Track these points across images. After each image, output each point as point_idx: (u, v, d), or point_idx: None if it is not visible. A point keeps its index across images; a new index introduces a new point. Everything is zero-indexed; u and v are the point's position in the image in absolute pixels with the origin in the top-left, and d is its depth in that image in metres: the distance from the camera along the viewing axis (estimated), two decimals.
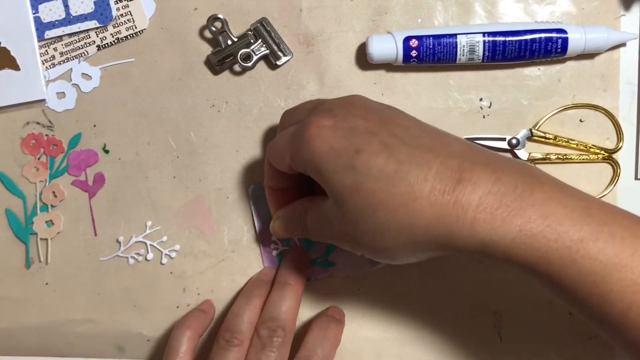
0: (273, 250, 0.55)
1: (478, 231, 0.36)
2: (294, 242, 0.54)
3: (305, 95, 0.55)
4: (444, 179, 0.37)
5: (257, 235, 0.55)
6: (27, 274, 0.57)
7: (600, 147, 0.54)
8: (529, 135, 0.54)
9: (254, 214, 0.55)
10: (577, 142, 0.54)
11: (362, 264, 0.54)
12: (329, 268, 0.54)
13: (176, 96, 0.56)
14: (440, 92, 0.55)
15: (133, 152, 0.56)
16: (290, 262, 0.53)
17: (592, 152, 0.54)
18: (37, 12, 0.55)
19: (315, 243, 0.54)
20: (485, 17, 0.54)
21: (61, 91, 0.56)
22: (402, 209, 0.37)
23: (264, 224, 0.55)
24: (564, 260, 0.36)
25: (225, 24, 0.54)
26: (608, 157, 0.53)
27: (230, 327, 0.49)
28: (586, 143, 0.54)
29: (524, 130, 0.54)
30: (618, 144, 0.54)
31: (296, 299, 0.50)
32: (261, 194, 0.53)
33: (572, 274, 0.36)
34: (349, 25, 0.55)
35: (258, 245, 0.55)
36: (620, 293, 0.35)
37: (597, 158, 0.53)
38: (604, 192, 0.53)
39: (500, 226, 0.36)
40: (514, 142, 0.53)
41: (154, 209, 0.56)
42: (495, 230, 0.36)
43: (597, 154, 0.53)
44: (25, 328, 0.57)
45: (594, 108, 0.54)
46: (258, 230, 0.55)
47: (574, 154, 0.54)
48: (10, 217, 0.56)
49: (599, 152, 0.53)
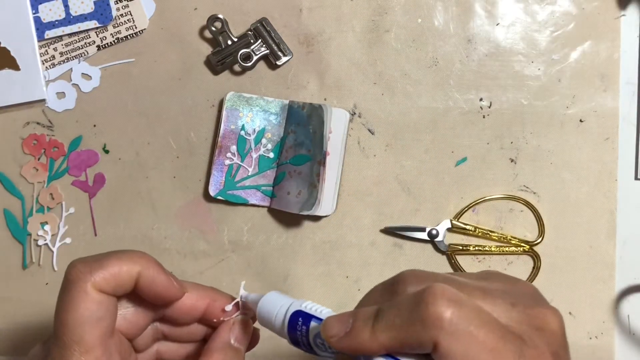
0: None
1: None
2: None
3: (305, 95, 0.55)
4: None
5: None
6: (27, 274, 0.57)
7: (521, 239, 0.54)
8: (449, 226, 0.54)
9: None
10: (498, 234, 0.54)
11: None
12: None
13: (176, 96, 0.56)
14: (440, 92, 0.55)
15: (133, 152, 0.56)
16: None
17: (513, 244, 0.54)
18: (37, 12, 0.55)
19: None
20: (485, 17, 0.54)
21: (61, 91, 0.56)
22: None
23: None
24: None
25: (225, 24, 0.54)
26: (529, 250, 0.54)
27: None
28: (507, 235, 0.54)
29: (444, 221, 0.54)
30: (539, 236, 0.54)
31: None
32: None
33: None
34: (349, 25, 0.55)
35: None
36: None
37: (518, 250, 0.54)
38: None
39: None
40: (434, 233, 0.54)
41: (154, 209, 0.56)
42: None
43: (518, 246, 0.54)
44: (25, 328, 0.57)
45: (518, 200, 0.54)
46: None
47: (493, 246, 0.54)
48: (8, 217, 0.56)
49: (520, 244, 0.54)
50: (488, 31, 0.54)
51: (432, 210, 0.55)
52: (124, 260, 0.34)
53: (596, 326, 0.54)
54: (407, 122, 0.55)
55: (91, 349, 0.33)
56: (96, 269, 0.34)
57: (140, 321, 0.37)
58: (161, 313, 0.38)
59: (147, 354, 0.39)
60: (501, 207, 0.55)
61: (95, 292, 0.33)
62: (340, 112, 0.54)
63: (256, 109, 0.55)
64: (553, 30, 0.54)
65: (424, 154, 0.55)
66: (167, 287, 0.36)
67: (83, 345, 0.33)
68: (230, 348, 0.37)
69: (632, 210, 0.54)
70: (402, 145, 0.55)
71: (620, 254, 0.54)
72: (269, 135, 0.55)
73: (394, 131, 0.55)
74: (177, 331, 0.39)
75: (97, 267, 0.34)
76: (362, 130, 0.55)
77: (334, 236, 0.55)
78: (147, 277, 0.35)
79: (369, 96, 0.55)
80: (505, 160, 0.55)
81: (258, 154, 0.55)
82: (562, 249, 0.54)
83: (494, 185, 0.55)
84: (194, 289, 0.38)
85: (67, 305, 0.33)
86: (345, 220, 0.55)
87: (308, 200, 0.53)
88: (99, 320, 0.33)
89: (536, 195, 0.55)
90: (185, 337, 0.39)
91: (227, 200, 0.55)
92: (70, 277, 0.34)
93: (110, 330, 0.34)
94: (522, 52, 0.54)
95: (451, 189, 0.55)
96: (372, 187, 0.55)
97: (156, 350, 0.39)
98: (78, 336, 0.33)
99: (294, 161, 0.54)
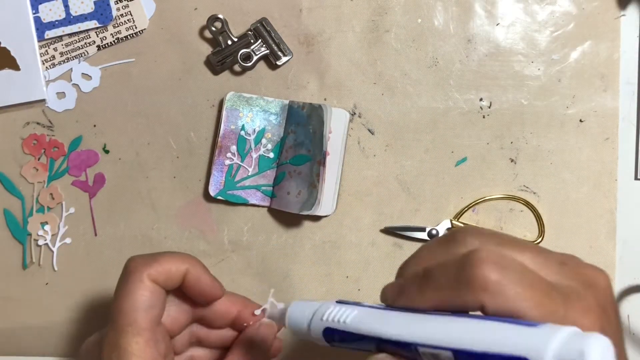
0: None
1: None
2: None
3: (305, 95, 0.55)
4: None
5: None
6: (27, 274, 0.57)
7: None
8: (449, 226, 0.54)
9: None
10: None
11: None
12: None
13: (176, 96, 0.56)
14: (440, 92, 0.55)
15: (133, 152, 0.56)
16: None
17: None
18: (37, 12, 0.55)
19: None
20: (485, 17, 0.54)
21: (61, 91, 0.56)
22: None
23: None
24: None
25: (225, 24, 0.54)
26: None
27: None
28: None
29: (444, 221, 0.54)
30: (539, 236, 0.54)
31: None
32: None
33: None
34: (349, 25, 0.55)
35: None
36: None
37: None
38: None
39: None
40: (434, 233, 0.54)
41: (154, 209, 0.56)
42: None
43: None
44: (25, 328, 0.57)
45: (518, 200, 0.54)
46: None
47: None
48: (8, 217, 0.56)
49: None
50: (488, 31, 0.54)
51: (432, 210, 0.55)
52: (175, 258, 0.39)
53: None
54: (407, 122, 0.55)
55: (142, 331, 0.37)
56: (151, 263, 0.39)
57: (181, 318, 0.41)
58: (200, 313, 0.42)
59: (183, 357, 0.43)
60: (501, 207, 0.55)
61: (150, 282, 0.38)
62: (340, 112, 0.54)
63: (256, 109, 0.55)
64: (553, 30, 0.54)
65: (424, 154, 0.55)
66: (210, 285, 0.41)
67: (136, 327, 0.37)
68: (255, 346, 0.41)
69: (632, 210, 0.54)
70: (402, 145, 0.55)
71: (620, 254, 0.54)
72: (269, 135, 0.55)
73: (394, 131, 0.55)
74: (211, 335, 0.43)
75: (152, 262, 0.39)
76: (362, 130, 0.55)
77: (334, 236, 0.55)
78: (193, 274, 0.40)
79: (369, 96, 0.55)
80: (505, 160, 0.55)
81: (258, 154, 0.55)
82: (562, 249, 0.54)
83: (494, 185, 0.55)
84: (228, 294, 0.43)
85: (125, 293, 0.38)
86: (345, 220, 0.55)
87: (308, 200, 0.53)
88: (150, 308, 0.38)
89: (536, 195, 0.55)
90: (217, 342, 0.43)
91: (227, 200, 0.55)
92: (129, 269, 0.39)
93: (159, 318, 0.38)
94: (522, 52, 0.54)
95: (451, 189, 0.55)
96: (372, 187, 0.55)
97: (191, 355, 0.43)
98: (132, 319, 0.37)
99: (293, 161, 0.54)
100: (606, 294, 0.31)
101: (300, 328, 0.35)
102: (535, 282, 0.29)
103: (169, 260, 0.39)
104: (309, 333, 0.34)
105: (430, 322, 0.29)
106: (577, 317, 0.28)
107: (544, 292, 0.28)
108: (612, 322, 0.31)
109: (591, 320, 0.29)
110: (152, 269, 0.38)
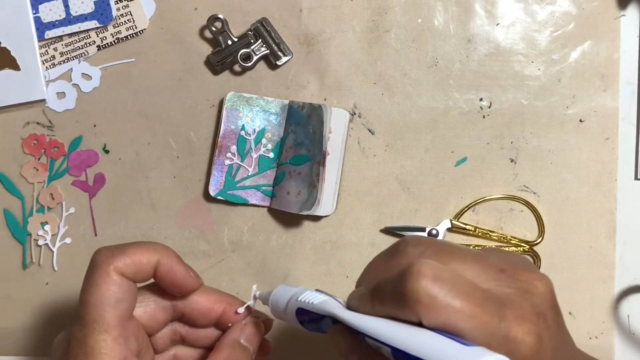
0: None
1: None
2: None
3: (305, 95, 0.55)
4: None
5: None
6: (27, 274, 0.57)
7: (521, 239, 0.54)
8: (449, 226, 0.54)
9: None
10: (498, 235, 0.54)
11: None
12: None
13: (176, 96, 0.56)
14: (440, 92, 0.55)
15: (133, 152, 0.56)
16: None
17: (513, 244, 0.54)
18: (37, 12, 0.55)
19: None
20: (485, 17, 0.54)
21: (61, 91, 0.56)
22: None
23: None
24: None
25: (225, 24, 0.54)
26: (529, 250, 0.54)
27: None
28: (507, 235, 0.54)
29: (444, 221, 0.54)
30: (539, 236, 0.54)
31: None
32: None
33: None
34: (349, 25, 0.55)
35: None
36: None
37: (518, 250, 0.54)
38: None
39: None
40: (434, 233, 0.54)
41: (154, 209, 0.56)
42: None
43: (518, 246, 0.54)
44: (25, 328, 0.57)
45: (518, 200, 0.54)
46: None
47: (493, 246, 0.54)
48: (8, 217, 0.56)
49: (520, 244, 0.54)
50: (488, 31, 0.54)
51: (432, 210, 0.55)
52: (144, 249, 0.37)
53: (596, 326, 0.54)
54: (407, 122, 0.55)
55: (110, 328, 0.35)
56: (118, 254, 0.36)
57: (159, 316, 0.39)
58: (180, 311, 0.40)
59: (165, 356, 0.41)
60: (501, 207, 0.55)
61: (117, 275, 0.36)
62: (340, 112, 0.54)
63: (256, 109, 0.55)
64: (553, 30, 0.54)
65: (424, 154, 0.55)
66: (184, 276, 0.38)
67: (103, 324, 0.35)
68: (239, 346, 0.39)
69: (632, 210, 0.54)
70: (402, 145, 0.55)
71: (620, 254, 0.54)
72: (269, 135, 0.55)
73: (394, 131, 0.55)
74: (194, 334, 0.41)
75: (119, 253, 0.36)
76: (362, 130, 0.55)
77: (334, 236, 0.55)
78: (165, 265, 0.37)
79: (369, 96, 0.55)
80: (505, 160, 0.55)
81: (258, 154, 0.55)
82: (562, 249, 0.54)
83: (494, 185, 0.55)
84: (213, 292, 0.40)
85: (90, 287, 0.36)
86: (345, 220, 0.55)
87: (308, 200, 0.53)
88: (118, 302, 0.35)
89: (536, 195, 0.55)
90: (201, 341, 0.41)
91: (227, 200, 0.55)
92: (95, 261, 0.36)
93: (128, 313, 0.36)
94: (522, 52, 0.54)
95: (451, 189, 0.55)
96: (372, 187, 0.55)
97: (174, 354, 0.41)
98: (99, 315, 0.35)
99: (293, 161, 0.54)
100: (544, 299, 0.31)
101: (279, 307, 0.37)
102: (470, 293, 0.29)
103: (138, 251, 0.37)
104: (285, 312, 0.37)
105: (380, 320, 0.30)
106: (511, 327, 0.29)
107: (476, 303, 0.28)
108: (551, 328, 0.30)
109: (525, 329, 0.29)
110: (119, 261, 0.36)
